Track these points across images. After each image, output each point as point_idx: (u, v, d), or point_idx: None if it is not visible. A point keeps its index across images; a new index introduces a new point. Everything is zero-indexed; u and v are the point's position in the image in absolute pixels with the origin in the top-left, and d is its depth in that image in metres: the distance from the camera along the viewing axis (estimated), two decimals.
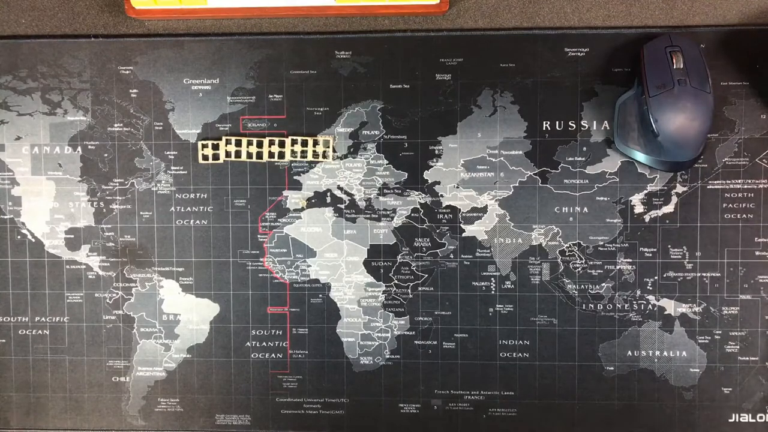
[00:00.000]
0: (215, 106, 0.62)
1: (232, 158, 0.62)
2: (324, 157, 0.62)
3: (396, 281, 0.62)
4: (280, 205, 0.62)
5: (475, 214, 0.61)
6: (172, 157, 0.62)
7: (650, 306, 0.61)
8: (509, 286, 0.61)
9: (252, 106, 0.62)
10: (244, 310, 0.62)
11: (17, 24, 0.63)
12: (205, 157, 0.62)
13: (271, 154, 0.62)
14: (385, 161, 0.62)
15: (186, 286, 0.63)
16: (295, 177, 0.62)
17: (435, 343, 0.62)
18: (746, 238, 0.61)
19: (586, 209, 0.61)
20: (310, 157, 0.62)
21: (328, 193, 0.62)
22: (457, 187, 0.61)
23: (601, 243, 0.61)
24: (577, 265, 0.61)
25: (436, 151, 0.61)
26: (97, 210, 0.63)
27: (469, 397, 0.62)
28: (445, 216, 0.62)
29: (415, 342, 0.62)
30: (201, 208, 0.62)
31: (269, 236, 0.62)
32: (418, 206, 0.62)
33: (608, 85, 0.61)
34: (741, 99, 0.60)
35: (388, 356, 0.62)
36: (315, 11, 0.61)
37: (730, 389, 0.61)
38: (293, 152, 0.62)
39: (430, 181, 0.61)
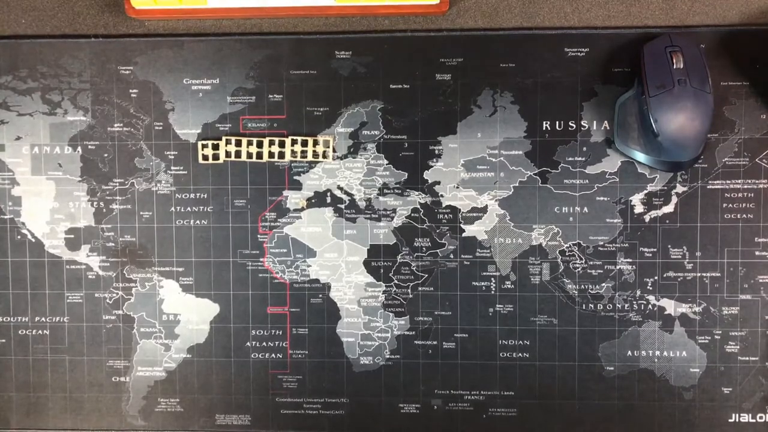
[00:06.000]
0: (215, 106, 0.62)
1: (232, 158, 0.62)
2: (324, 157, 0.62)
3: (396, 281, 0.62)
4: (280, 205, 0.62)
5: (475, 214, 0.61)
6: (172, 157, 0.62)
7: (650, 306, 0.61)
8: (509, 286, 0.61)
9: (252, 106, 0.62)
10: (244, 310, 0.62)
11: (17, 24, 0.63)
12: (205, 157, 0.62)
13: (271, 154, 0.62)
14: (385, 161, 0.62)
15: (186, 286, 0.63)
16: (295, 177, 0.62)
17: (435, 343, 0.62)
18: (746, 238, 0.61)
19: (586, 209, 0.61)
20: (310, 157, 0.62)
21: (328, 193, 0.62)
22: (457, 187, 0.61)
23: (601, 243, 0.61)
24: (577, 265, 0.61)
25: (436, 151, 0.61)
26: (97, 210, 0.63)
27: (469, 397, 0.62)
28: (445, 216, 0.62)
29: (415, 342, 0.62)
30: (201, 208, 0.62)
31: (269, 236, 0.62)
32: (418, 206, 0.62)
33: (608, 85, 0.61)
34: (741, 99, 0.60)
35: (388, 356, 0.62)
36: (315, 11, 0.61)
37: (730, 389, 0.61)
38: (293, 152, 0.62)
39: (430, 181, 0.62)
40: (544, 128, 0.61)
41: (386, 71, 0.61)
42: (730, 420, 0.61)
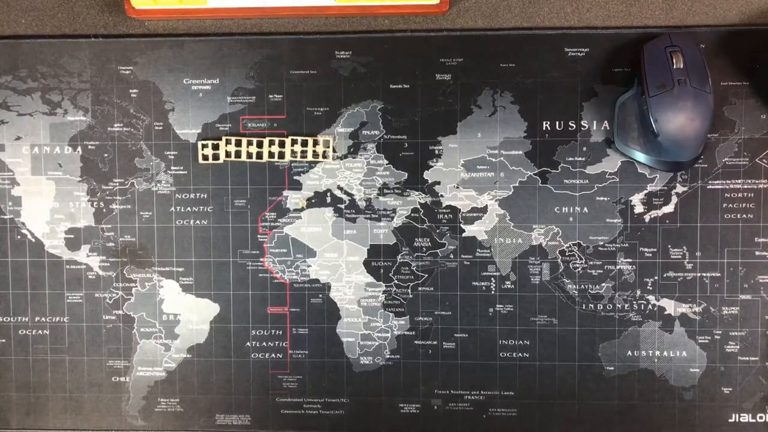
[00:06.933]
0: (215, 106, 0.62)
1: (232, 158, 0.62)
2: (324, 157, 0.62)
3: (396, 281, 0.62)
4: (280, 205, 0.62)
5: (475, 214, 0.61)
6: (172, 157, 0.62)
7: (650, 306, 0.61)
8: (509, 286, 0.61)
9: (252, 106, 0.62)
10: (244, 310, 0.62)
11: (17, 24, 0.63)
12: (205, 157, 0.62)
13: (271, 154, 0.62)
14: (385, 161, 0.62)
15: (186, 286, 0.63)
16: (295, 177, 0.62)
17: (435, 343, 0.62)
18: (746, 238, 0.61)
19: (586, 209, 0.61)
20: (310, 157, 0.62)
21: (328, 193, 0.62)
22: (457, 187, 0.61)
23: (601, 243, 0.61)
24: (577, 265, 0.61)
25: (436, 151, 0.61)
26: (97, 210, 0.63)
27: (469, 397, 0.62)
28: (445, 216, 0.62)
29: (415, 342, 0.62)
30: (201, 208, 0.62)
31: (269, 236, 0.62)
32: (418, 206, 0.62)
33: (608, 85, 0.61)
34: (741, 99, 0.60)
35: (388, 356, 0.62)
36: (315, 11, 0.61)
37: (730, 389, 0.61)
38: (293, 152, 0.62)
39: (430, 181, 0.62)
40: (544, 128, 0.61)
41: (386, 71, 0.61)
42: (730, 420, 0.61)
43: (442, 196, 0.61)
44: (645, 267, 0.61)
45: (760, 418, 0.61)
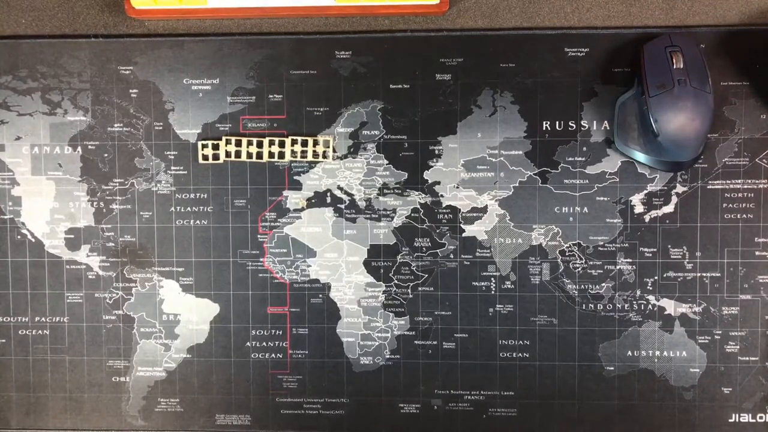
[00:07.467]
0: (215, 106, 0.62)
1: (232, 158, 0.62)
2: (324, 157, 0.62)
3: (396, 281, 0.62)
4: (280, 205, 0.62)
5: (475, 214, 0.61)
6: (172, 157, 0.62)
7: (650, 306, 0.61)
8: (509, 286, 0.61)
9: (252, 106, 0.62)
10: (244, 310, 0.62)
11: (17, 24, 0.63)
12: (205, 157, 0.62)
13: (271, 154, 0.62)
14: (385, 161, 0.62)
15: (186, 286, 0.63)
16: (295, 177, 0.62)
17: (435, 343, 0.62)
18: (746, 238, 0.61)
19: (586, 209, 0.61)
20: (310, 157, 0.62)
21: (328, 193, 0.62)
22: (457, 187, 0.61)
23: (601, 243, 0.61)
24: (577, 265, 0.61)
25: (436, 151, 0.61)
26: (97, 210, 0.63)
27: (469, 397, 0.62)
28: (445, 216, 0.62)
29: (415, 342, 0.62)
30: (201, 208, 0.62)
31: (269, 236, 0.62)
32: (418, 206, 0.62)
33: (608, 85, 0.61)
34: (741, 99, 0.60)
35: (388, 356, 0.62)
36: (315, 11, 0.61)
37: (730, 389, 0.61)
38: (293, 152, 0.62)
39: (430, 181, 0.62)
40: (544, 128, 0.61)
41: (386, 71, 0.61)
42: (730, 420, 0.61)
43: (442, 196, 0.61)
44: (645, 267, 0.61)
45: (760, 418, 0.61)
